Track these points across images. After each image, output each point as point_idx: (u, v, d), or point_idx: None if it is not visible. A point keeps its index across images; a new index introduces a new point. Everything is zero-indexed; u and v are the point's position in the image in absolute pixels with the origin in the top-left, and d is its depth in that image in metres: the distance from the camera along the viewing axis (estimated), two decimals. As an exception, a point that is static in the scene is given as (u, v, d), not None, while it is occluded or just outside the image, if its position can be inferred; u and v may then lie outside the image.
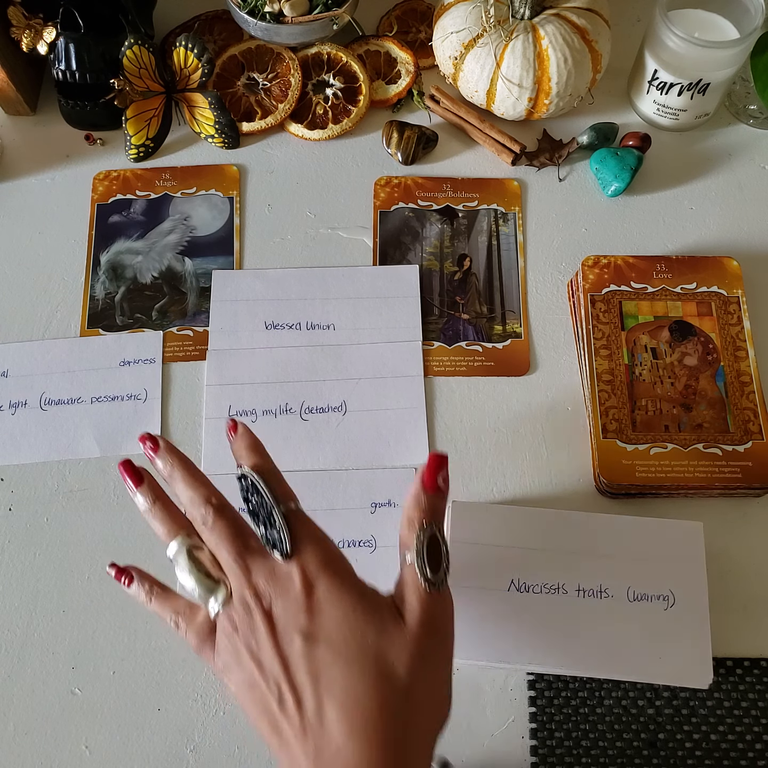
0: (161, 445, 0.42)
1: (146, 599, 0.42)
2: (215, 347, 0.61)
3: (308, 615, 0.37)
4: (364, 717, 0.35)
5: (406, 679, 0.36)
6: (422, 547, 0.38)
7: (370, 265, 0.64)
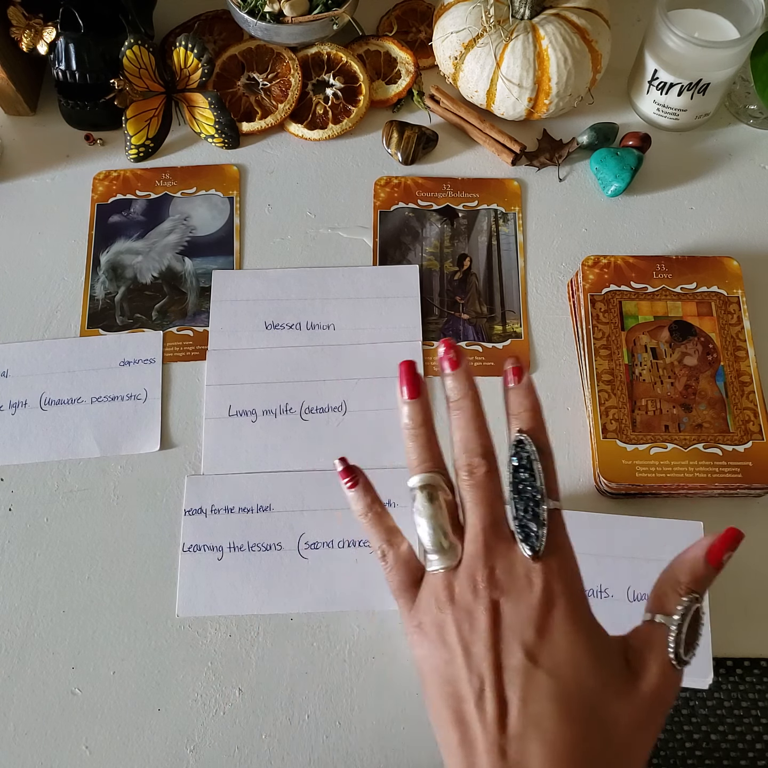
0: (463, 365, 0.38)
1: (363, 511, 0.39)
2: (215, 347, 0.61)
3: (538, 634, 0.34)
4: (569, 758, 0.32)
5: (621, 743, 0.33)
6: (685, 621, 0.34)
7: (370, 265, 0.64)
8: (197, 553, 0.54)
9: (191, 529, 0.55)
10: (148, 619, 0.53)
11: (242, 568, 0.54)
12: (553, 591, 0.34)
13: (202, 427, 0.58)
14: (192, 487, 0.56)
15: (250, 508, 0.55)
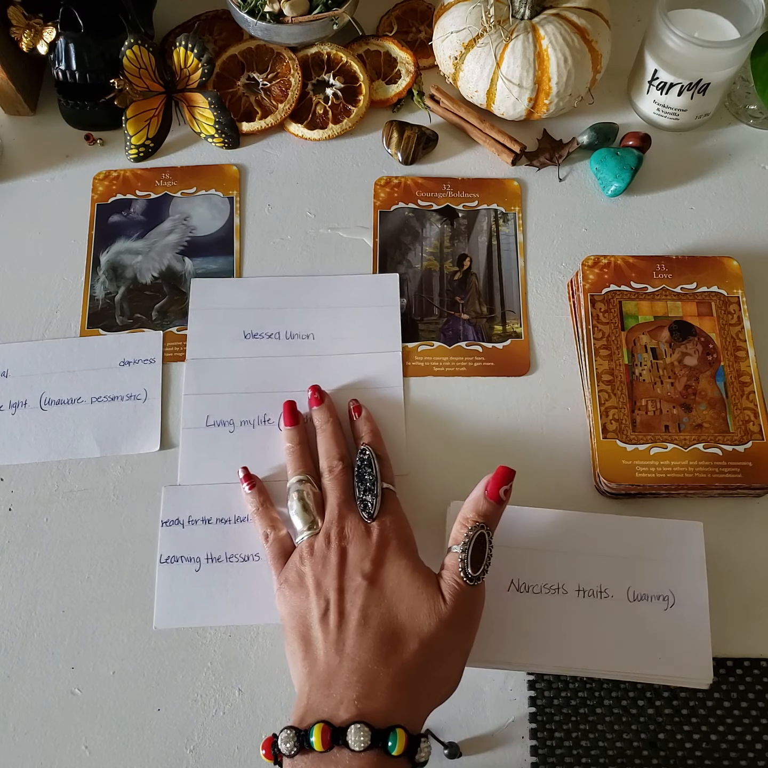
0: (325, 401, 0.55)
1: (256, 507, 0.52)
2: (193, 356, 0.60)
3: (374, 564, 0.46)
4: (390, 649, 0.42)
5: (430, 636, 0.43)
6: (469, 545, 0.44)
7: (351, 274, 0.64)
8: (174, 565, 0.54)
9: (168, 540, 0.54)
10: (147, 619, 0.53)
11: (220, 579, 0.53)
12: (387, 536, 0.47)
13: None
14: (169, 497, 0.56)
15: (227, 518, 0.55)
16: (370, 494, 0.49)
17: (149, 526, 0.55)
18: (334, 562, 0.46)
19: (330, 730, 0.39)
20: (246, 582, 0.53)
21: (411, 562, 0.46)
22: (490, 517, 0.45)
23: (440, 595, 0.44)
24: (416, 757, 0.40)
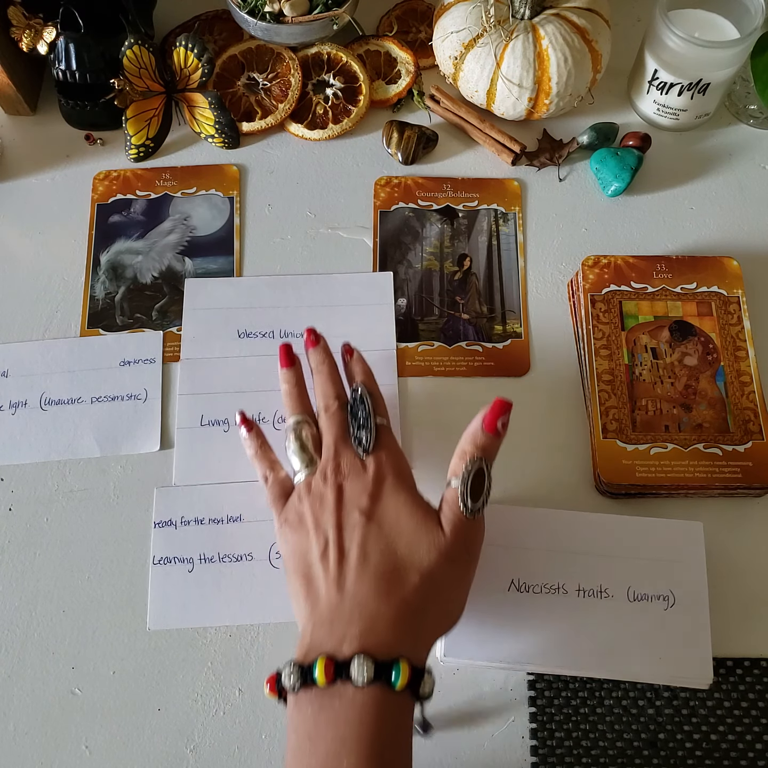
0: (321, 343, 0.53)
1: (254, 450, 0.51)
2: (187, 356, 0.61)
3: (371, 499, 0.45)
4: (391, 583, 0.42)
5: (430, 569, 0.43)
6: (468, 477, 0.44)
7: (345, 272, 0.64)
8: (167, 566, 0.54)
9: (161, 541, 0.54)
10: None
11: (213, 579, 0.53)
12: (383, 471, 0.46)
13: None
14: (161, 498, 0.56)
15: (220, 518, 0.55)
16: (364, 430, 0.48)
17: (149, 526, 0.55)
18: (331, 499, 0.46)
19: (333, 664, 0.39)
20: (239, 582, 0.53)
21: (409, 496, 0.46)
22: (488, 450, 0.45)
23: (440, 529, 0.44)
24: (420, 690, 0.40)
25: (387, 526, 0.44)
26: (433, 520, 0.44)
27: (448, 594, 0.44)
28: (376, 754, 0.38)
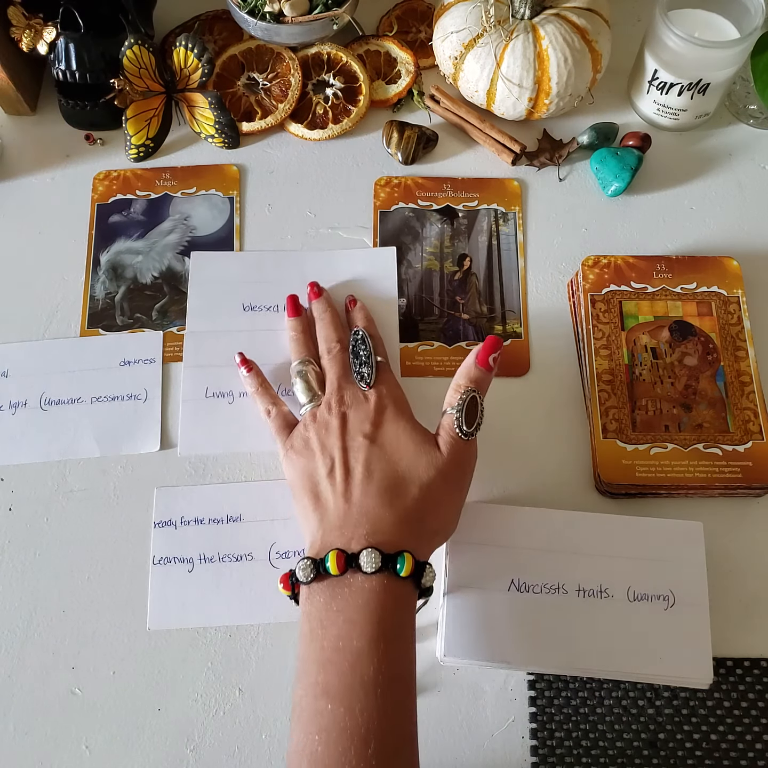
0: (323, 294, 0.59)
1: (255, 387, 0.55)
2: (193, 329, 0.61)
3: (373, 425, 0.50)
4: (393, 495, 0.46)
5: (429, 484, 0.46)
6: (462, 406, 0.48)
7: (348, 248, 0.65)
8: (167, 566, 0.54)
9: (161, 541, 0.54)
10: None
11: (213, 579, 0.53)
12: (383, 401, 0.51)
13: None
14: (161, 499, 0.56)
15: (220, 518, 0.55)
16: (366, 366, 0.53)
17: (149, 526, 0.55)
18: (336, 425, 0.50)
19: (344, 556, 0.43)
20: (239, 582, 0.53)
21: (408, 422, 0.50)
22: (480, 383, 0.49)
23: (437, 449, 0.48)
24: (422, 581, 0.44)
25: (389, 448, 0.48)
26: (431, 442, 0.48)
27: (444, 507, 0.47)
28: (383, 634, 0.41)
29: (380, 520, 0.45)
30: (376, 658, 0.41)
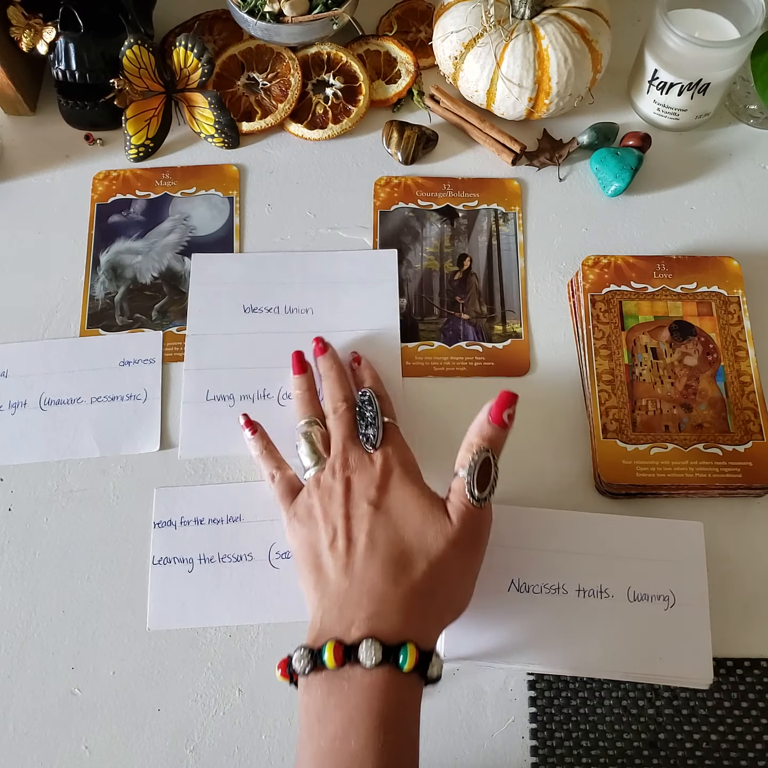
0: (329, 350, 0.57)
1: (260, 451, 0.53)
2: (194, 331, 0.61)
3: (378, 491, 0.47)
4: (399, 569, 0.43)
5: (438, 556, 0.44)
6: (474, 467, 0.45)
7: (349, 250, 0.65)
8: (167, 566, 0.54)
9: (161, 541, 0.54)
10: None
11: (213, 579, 0.53)
12: (390, 464, 0.48)
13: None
14: (161, 499, 0.56)
15: (220, 519, 0.55)
16: (372, 428, 0.50)
17: (149, 526, 0.55)
18: (340, 491, 0.47)
19: (342, 648, 0.40)
20: (239, 582, 0.53)
21: (416, 487, 0.47)
22: (494, 441, 0.46)
23: (447, 517, 0.45)
24: (428, 672, 0.41)
25: (395, 515, 0.45)
26: (441, 508, 0.45)
27: (456, 581, 0.44)
28: (383, 734, 0.39)
29: (383, 600, 0.42)
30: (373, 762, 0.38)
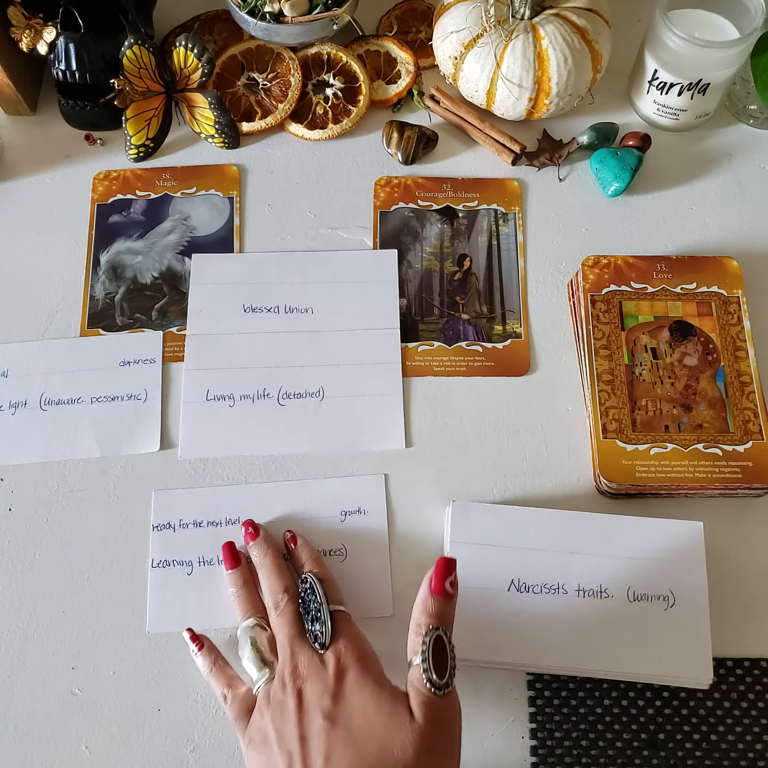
0: (261, 534, 0.51)
1: (208, 669, 0.48)
2: (194, 331, 0.61)
3: (333, 699, 0.42)
4: None
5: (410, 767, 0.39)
6: (428, 652, 0.40)
7: (348, 250, 0.65)
8: (166, 569, 0.54)
9: (160, 544, 0.54)
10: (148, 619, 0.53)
11: (212, 582, 0.53)
12: (344, 665, 0.43)
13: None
14: (160, 501, 0.56)
15: (218, 521, 0.55)
16: (318, 623, 0.45)
17: (149, 527, 0.55)
18: (292, 708, 0.42)
19: None
20: None
21: (375, 688, 0.42)
22: (442, 616, 0.42)
23: (411, 718, 0.40)
24: None
25: (355, 728, 0.40)
26: (403, 709, 0.40)
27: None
28: None
29: None
30: None
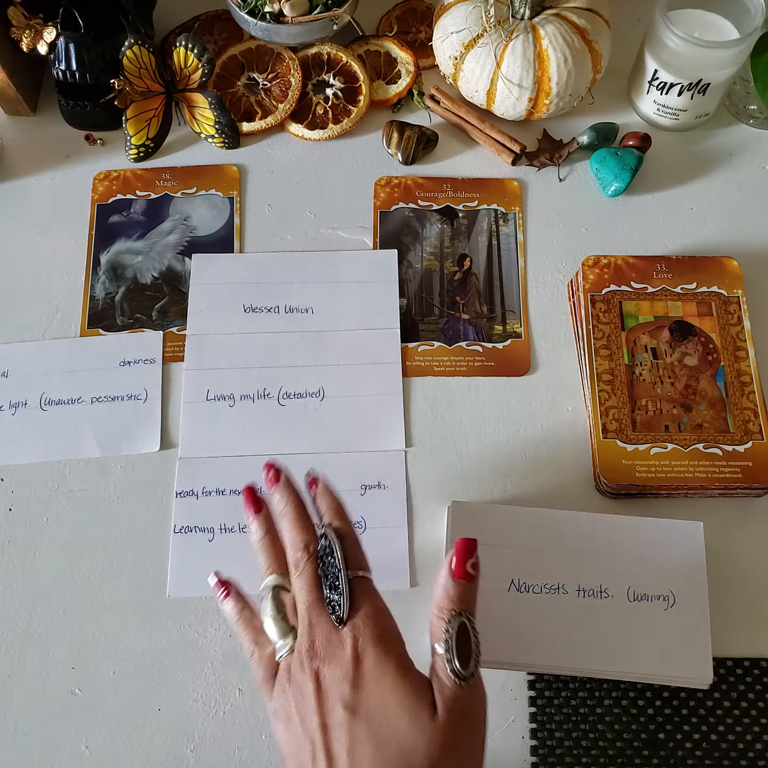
0: (282, 479, 0.45)
1: (236, 617, 0.44)
2: (194, 331, 0.61)
3: (352, 687, 0.38)
4: None
5: (433, 765, 0.37)
6: (451, 640, 0.38)
7: (349, 250, 0.65)
8: (188, 535, 0.54)
9: (182, 510, 0.55)
10: (148, 619, 0.53)
11: (233, 549, 0.54)
12: (362, 645, 0.39)
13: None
14: (183, 469, 0.56)
15: (240, 490, 0.55)
16: (336, 592, 0.40)
17: (150, 526, 0.55)
18: (311, 690, 0.39)
19: None
20: None
21: (396, 677, 0.39)
22: (465, 600, 0.40)
23: (435, 713, 0.38)
24: None
25: (376, 723, 0.38)
26: (426, 704, 0.38)
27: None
28: None
29: None
30: None
